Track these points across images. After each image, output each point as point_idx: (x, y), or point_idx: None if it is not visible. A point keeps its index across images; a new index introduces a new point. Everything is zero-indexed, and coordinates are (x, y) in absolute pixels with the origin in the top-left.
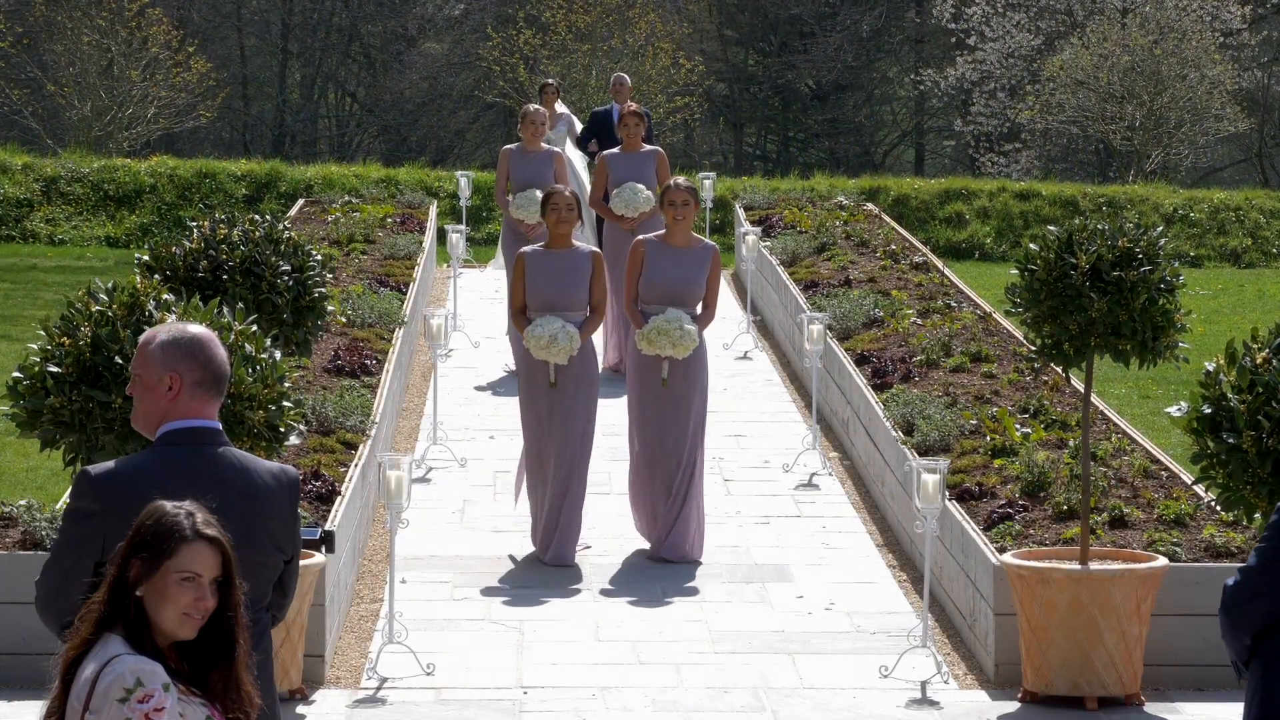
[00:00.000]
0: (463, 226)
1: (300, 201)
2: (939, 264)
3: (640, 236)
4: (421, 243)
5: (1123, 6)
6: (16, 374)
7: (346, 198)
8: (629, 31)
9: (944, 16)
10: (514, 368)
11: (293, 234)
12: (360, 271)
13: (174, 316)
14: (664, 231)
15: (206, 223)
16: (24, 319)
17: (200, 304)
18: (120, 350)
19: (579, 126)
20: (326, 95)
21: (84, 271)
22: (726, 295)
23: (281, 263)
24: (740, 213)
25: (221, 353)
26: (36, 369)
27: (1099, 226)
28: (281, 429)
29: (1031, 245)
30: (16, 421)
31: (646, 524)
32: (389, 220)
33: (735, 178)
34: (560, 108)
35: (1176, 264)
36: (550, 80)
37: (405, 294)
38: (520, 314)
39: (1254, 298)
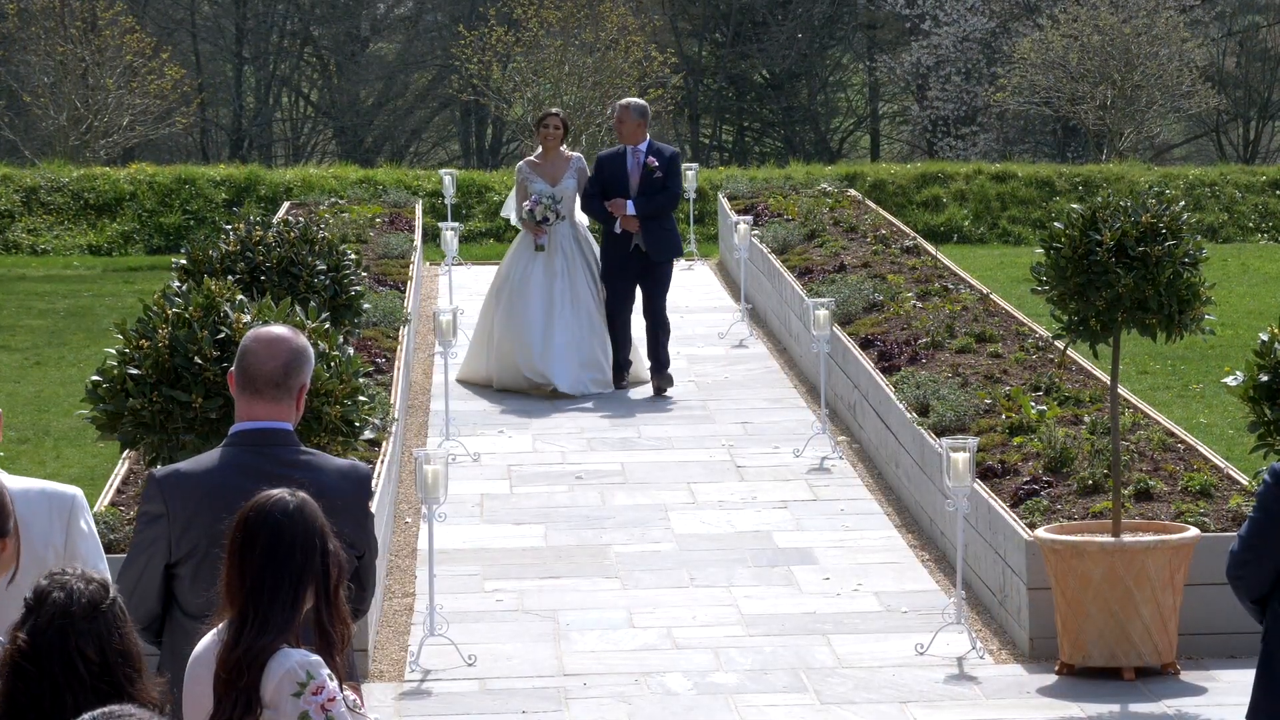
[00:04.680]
0: (456, 224)
1: (286, 204)
2: (931, 248)
3: None
4: (413, 241)
5: None
6: (95, 377)
7: (331, 199)
8: (600, 27)
9: (897, 2)
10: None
11: (327, 234)
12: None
13: (249, 317)
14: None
15: (242, 225)
16: (20, 329)
17: (273, 304)
18: (199, 351)
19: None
20: (281, 99)
21: (73, 281)
22: (717, 285)
23: (318, 262)
24: (725, 203)
25: (261, 352)
26: (116, 372)
27: (1122, 203)
28: (356, 423)
29: (1056, 224)
30: (97, 424)
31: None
32: (378, 220)
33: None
34: (567, 151)
35: (1199, 238)
36: (554, 111)
37: (404, 292)
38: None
39: (1239, 272)
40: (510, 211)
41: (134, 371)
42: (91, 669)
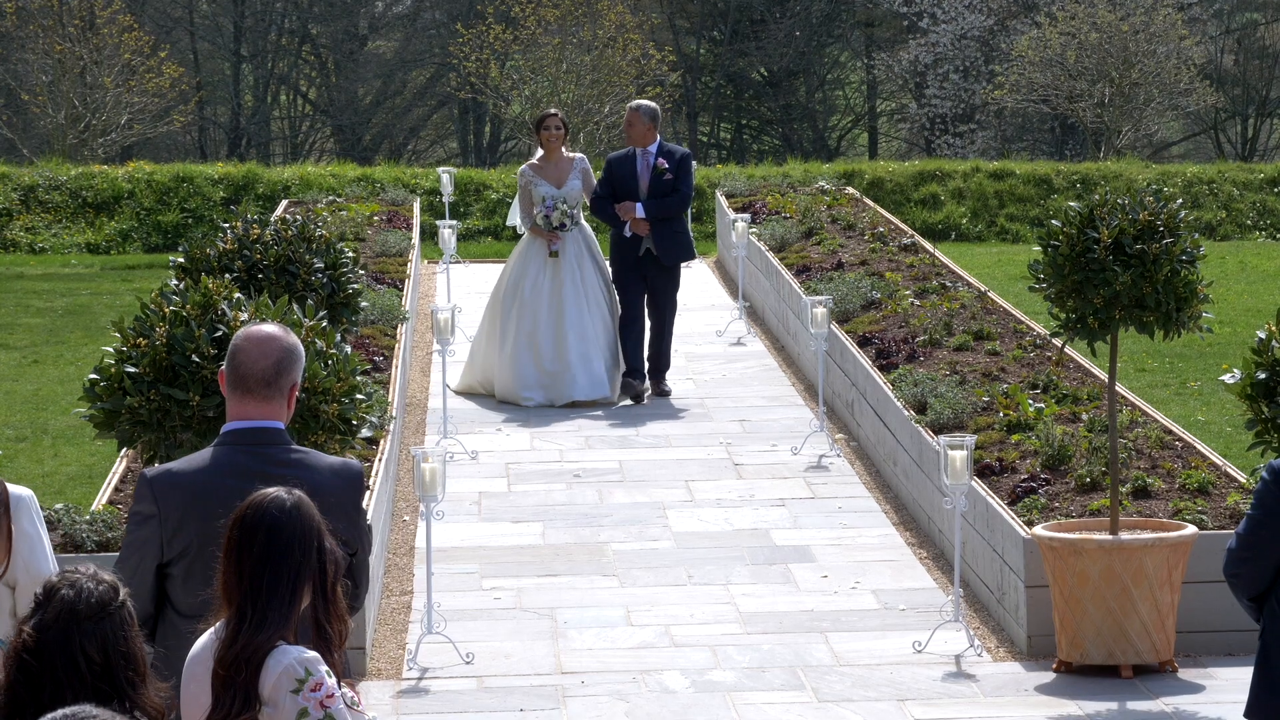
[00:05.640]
0: (455, 222)
1: (284, 203)
2: (929, 246)
3: None
4: (411, 239)
5: None
6: (93, 376)
7: (330, 197)
8: (598, 25)
9: (895, 0)
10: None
11: (325, 232)
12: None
13: (246, 315)
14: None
15: (239, 223)
16: (18, 327)
17: (270, 302)
18: (196, 349)
19: (594, 179)
20: (279, 98)
21: (71, 279)
22: (715, 282)
23: (315, 260)
24: (722, 200)
25: (252, 350)
26: (114, 370)
27: (1119, 201)
28: (354, 421)
29: (1054, 221)
30: (94, 423)
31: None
32: (376, 218)
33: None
34: (569, 152)
35: (1197, 236)
36: (553, 112)
37: (402, 290)
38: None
39: (1236, 269)
40: (517, 219)
41: (131, 370)
42: (94, 669)
